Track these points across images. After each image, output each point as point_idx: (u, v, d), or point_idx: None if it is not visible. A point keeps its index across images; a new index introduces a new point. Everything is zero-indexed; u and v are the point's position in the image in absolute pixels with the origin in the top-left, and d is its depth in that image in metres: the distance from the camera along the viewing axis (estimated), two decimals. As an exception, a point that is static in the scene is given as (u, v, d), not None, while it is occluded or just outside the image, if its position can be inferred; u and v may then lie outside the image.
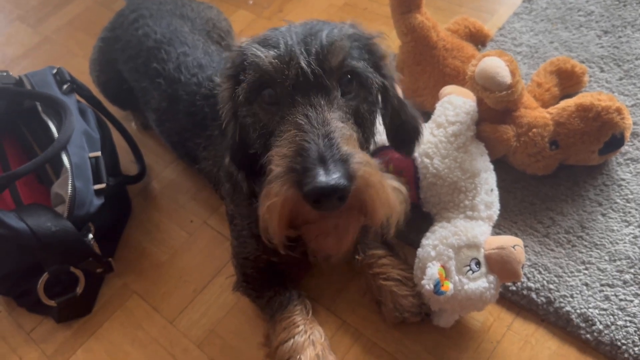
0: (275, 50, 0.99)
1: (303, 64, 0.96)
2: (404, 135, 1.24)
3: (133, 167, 1.83)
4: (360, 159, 0.91)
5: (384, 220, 0.94)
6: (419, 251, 1.32)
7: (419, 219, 1.46)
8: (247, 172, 1.20)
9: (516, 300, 1.34)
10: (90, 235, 1.48)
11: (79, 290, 1.49)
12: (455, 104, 1.44)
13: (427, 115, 1.55)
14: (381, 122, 1.21)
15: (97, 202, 1.51)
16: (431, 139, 1.41)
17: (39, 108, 1.61)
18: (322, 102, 0.97)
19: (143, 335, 1.48)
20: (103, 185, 1.52)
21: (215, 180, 1.52)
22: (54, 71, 1.68)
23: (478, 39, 1.84)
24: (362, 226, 1.00)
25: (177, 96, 1.54)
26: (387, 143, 1.30)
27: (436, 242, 1.28)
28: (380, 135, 1.29)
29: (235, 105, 1.10)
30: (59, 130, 1.53)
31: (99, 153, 1.56)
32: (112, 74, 1.80)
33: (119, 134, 1.80)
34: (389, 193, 0.93)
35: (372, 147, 1.21)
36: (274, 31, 1.05)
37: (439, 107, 1.48)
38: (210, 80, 1.49)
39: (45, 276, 1.43)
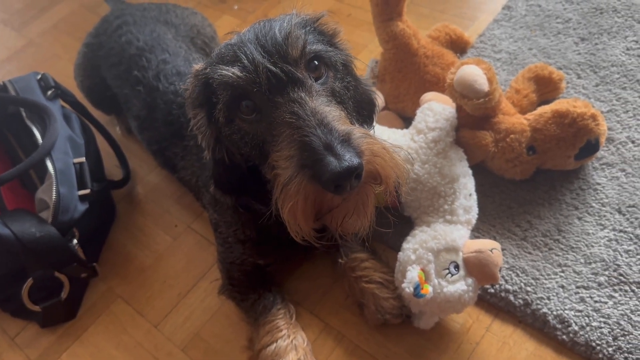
0: (238, 64, 0.99)
1: (270, 66, 0.97)
2: (363, 108, 1.26)
3: (117, 172, 1.84)
4: (359, 133, 0.93)
5: (396, 182, 0.97)
6: (400, 255, 1.34)
7: (400, 223, 1.48)
8: (237, 192, 1.21)
9: (494, 302, 1.37)
10: (75, 241, 1.49)
11: (64, 295, 1.50)
12: (435, 111, 1.47)
13: (408, 121, 1.57)
14: None
15: (82, 207, 1.52)
16: (411, 144, 1.44)
17: (23, 114, 1.62)
18: (302, 95, 0.98)
19: (128, 339, 1.49)
20: (87, 191, 1.53)
21: (195, 189, 1.54)
22: (39, 77, 1.68)
23: (458, 46, 1.87)
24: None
25: (156, 105, 1.55)
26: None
27: (416, 245, 1.31)
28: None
29: (217, 129, 1.11)
30: (43, 136, 1.53)
31: (83, 159, 1.56)
32: (96, 80, 1.81)
33: (104, 139, 1.81)
34: (394, 156, 0.96)
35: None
36: (227, 46, 1.05)
37: (419, 113, 1.50)
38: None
39: (29, 281, 1.43)
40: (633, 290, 1.32)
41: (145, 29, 1.70)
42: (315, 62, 1.04)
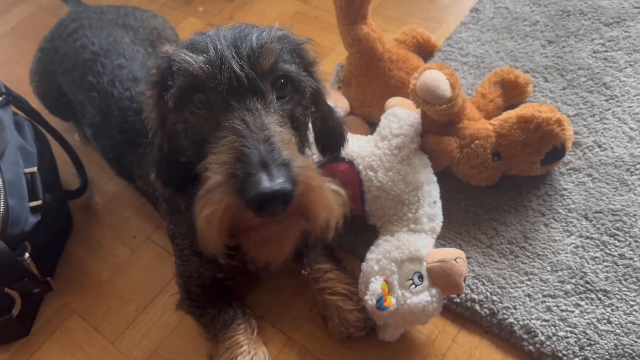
0: (205, 55, 0.96)
1: (236, 67, 0.94)
2: (331, 140, 1.23)
3: (75, 181, 1.77)
4: (301, 162, 0.89)
5: (325, 224, 0.93)
6: (363, 265, 1.31)
7: (366, 232, 1.45)
8: (177, 186, 1.16)
9: (460, 312, 1.34)
10: (27, 255, 1.42)
11: (15, 312, 1.43)
12: (400, 116, 1.44)
13: (374, 127, 1.54)
14: (311, 126, 1.19)
15: (33, 219, 1.45)
16: (375, 151, 1.41)
17: (-29, 122, 1.54)
18: (259, 106, 0.94)
19: (83, 357, 1.42)
20: (39, 202, 1.46)
21: (153, 199, 1.48)
22: (-12, 83, 1.61)
23: (425, 50, 1.84)
24: (304, 235, 0.98)
25: (110, 111, 1.49)
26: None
27: (379, 256, 1.27)
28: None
29: (163, 114, 1.06)
30: (-9, 146, 1.46)
31: (35, 168, 1.49)
32: (51, 85, 1.74)
33: (60, 147, 1.74)
34: (329, 196, 0.92)
35: (307, 151, 1.19)
36: (201, 35, 1.01)
37: (383, 119, 1.47)
38: (143, 94, 1.45)
39: (-24, 299, 1.37)
40: (599, 299, 1.30)
41: (102, 33, 1.64)
42: (283, 80, 1.01)
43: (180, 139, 1.06)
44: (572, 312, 1.29)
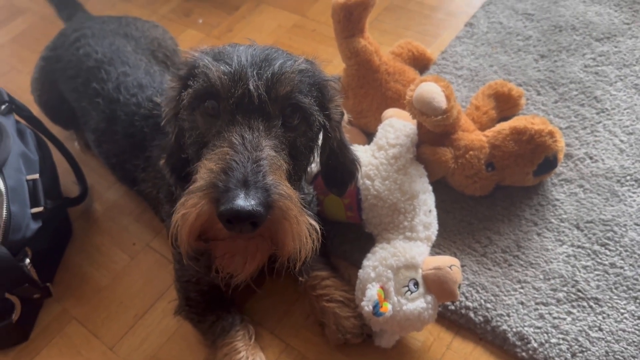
0: (227, 66, 1.00)
1: (251, 86, 0.98)
2: (339, 176, 1.27)
3: (75, 188, 1.79)
4: (282, 191, 0.93)
5: (292, 254, 0.96)
6: (360, 272, 1.33)
7: (363, 240, 1.48)
8: (179, 177, 1.21)
9: (455, 320, 1.36)
10: (27, 260, 1.44)
11: (15, 317, 1.44)
12: (396, 127, 1.47)
13: (371, 137, 1.57)
14: (317, 159, 1.23)
15: (34, 225, 1.46)
16: (372, 161, 1.44)
17: (-26, 129, 1.56)
18: (261, 127, 0.99)
19: (82, 363, 1.44)
20: (41, 209, 1.47)
21: (155, 202, 1.50)
22: (-8, 91, 1.63)
23: (421, 63, 1.88)
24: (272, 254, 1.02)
25: (116, 117, 1.52)
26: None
27: (376, 263, 1.30)
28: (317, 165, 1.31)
29: (178, 107, 1.11)
30: (-6, 153, 1.48)
31: (37, 175, 1.51)
32: (53, 94, 1.76)
33: (61, 155, 1.76)
34: (303, 229, 0.95)
35: (303, 181, 1.24)
36: (233, 47, 1.07)
37: (380, 129, 1.50)
38: (150, 101, 1.48)
39: (-23, 304, 1.38)
40: (591, 306, 1.33)
41: (104, 42, 1.67)
42: (293, 109, 1.04)
43: (184, 136, 1.11)
44: (564, 319, 1.32)
